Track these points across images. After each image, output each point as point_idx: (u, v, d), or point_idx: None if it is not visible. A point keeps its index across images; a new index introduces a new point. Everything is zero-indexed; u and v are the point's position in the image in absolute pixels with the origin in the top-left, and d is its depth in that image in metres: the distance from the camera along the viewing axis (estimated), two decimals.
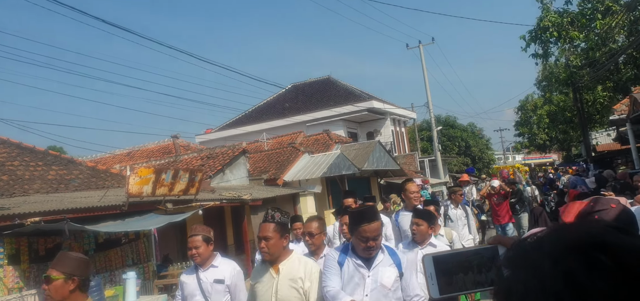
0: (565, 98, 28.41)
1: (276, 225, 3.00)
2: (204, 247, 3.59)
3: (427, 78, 24.67)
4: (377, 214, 3.04)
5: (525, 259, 0.57)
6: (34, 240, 6.80)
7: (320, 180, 14.80)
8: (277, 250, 2.98)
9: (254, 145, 18.86)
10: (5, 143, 10.09)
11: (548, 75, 28.35)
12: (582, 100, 21.68)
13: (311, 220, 3.84)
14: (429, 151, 31.07)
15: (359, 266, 2.94)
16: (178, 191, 8.32)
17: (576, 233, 0.56)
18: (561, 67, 22.88)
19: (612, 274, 0.49)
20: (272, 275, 3.00)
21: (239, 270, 3.68)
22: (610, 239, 0.53)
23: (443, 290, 0.92)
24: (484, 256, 0.94)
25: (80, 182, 10.08)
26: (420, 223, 3.96)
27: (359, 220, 2.91)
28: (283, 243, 3.02)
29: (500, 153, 52.60)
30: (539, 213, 7.30)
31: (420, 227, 3.95)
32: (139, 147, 18.36)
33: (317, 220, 3.80)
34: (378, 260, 2.97)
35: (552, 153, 41.96)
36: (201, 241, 3.60)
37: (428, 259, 0.94)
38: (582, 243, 0.53)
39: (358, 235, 2.90)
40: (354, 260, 2.96)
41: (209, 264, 3.60)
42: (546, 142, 38.89)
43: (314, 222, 3.76)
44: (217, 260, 3.66)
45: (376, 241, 2.91)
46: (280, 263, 3.00)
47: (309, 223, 3.79)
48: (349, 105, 24.76)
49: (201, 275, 3.57)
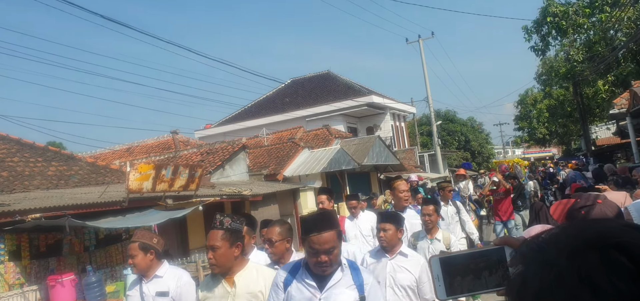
0: (565, 92, 28.40)
1: (225, 232, 2.65)
2: (141, 257, 3.20)
3: (426, 73, 24.65)
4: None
5: (541, 254, 0.56)
6: (34, 236, 6.80)
7: (321, 175, 14.80)
8: (227, 261, 2.64)
9: (253, 140, 18.85)
10: (4, 139, 10.08)
11: (548, 69, 28.33)
12: (582, 94, 21.67)
13: (273, 225, 3.37)
14: (429, 146, 31.08)
15: (309, 287, 2.39)
16: (178, 187, 8.31)
17: (593, 230, 0.55)
18: (561, 61, 22.85)
19: (632, 275, 0.48)
20: (226, 288, 2.68)
21: (187, 280, 3.28)
22: (629, 239, 0.52)
23: (450, 292, 0.92)
24: (491, 257, 0.94)
25: (80, 178, 10.07)
26: (387, 227, 3.42)
27: (308, 228, 2.36)
28: (234, 252, 2.66)
29: (500, 147, 52.62)
30: (539, 208, 7.23)
31: (388, 232, 3.42)
32: (139, 143, 18.34)
33: (279, 225, 3.32)
34: (334, 279, 2.39)
35: (551, 147, 42.00)
36: (138, 249, 3.20)
37: (435, 260, 0.94)
38: (599, 241, 0.52)
39: (307, 247, 2.36)
40: (305, 280, 2.41)
41: (152, 274, 3.23)
42: (546, 136, 38.88)
43: (275, 227, 3.30)
44: (162, 269, 3.27)
45: (330, 255, 2.33)
46: (235, 275, 2.68)
47: (271, 228, 3.32)
48: (349, 100, 24.74)
49: (144, 287, 3.22)
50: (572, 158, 25.46)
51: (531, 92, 40.38)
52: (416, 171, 22.29)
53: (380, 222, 3.50)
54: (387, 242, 3.42)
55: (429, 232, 4.39)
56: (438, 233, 4.43)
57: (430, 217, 4.37)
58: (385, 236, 3.42)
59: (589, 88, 21.90)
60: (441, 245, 4.30)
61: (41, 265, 6.70)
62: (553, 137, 39.06)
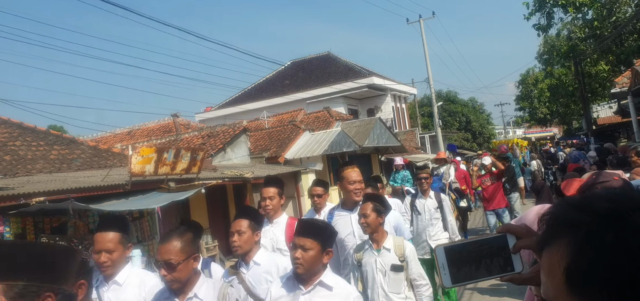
0: (567, 71, 28.24)
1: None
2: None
3: (427, 53, 24.50)
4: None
5: (610, 209, 0.62)
6: (39, 220, 6.86)
7: (322, 157, 14.83)
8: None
9: (254, 123, 18.84)
10: (6, 123, 10.09)
11: (549, 48, 28.13)
12: (584, 73, 21.56)
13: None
14: (430, 127, 31.04)
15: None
16: (180, 170, 8.35)
17: None
18: (563, 40, 22.69)
19: None
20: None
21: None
22: None
23: (455, 280, 0.96)
24: (494, 245, 0.97)
25: (82, 162, 10.11)
26: (308, 245, 2.38)
27: None
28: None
29: (501, 128, 52.56)
30: (540, 187, 7.26)
31: (308, 253, 2.38)
32: (140, 126, 18.35)
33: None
34: None
35: (553, 127, 41.94)
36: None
37: (440, 250, 0.97)
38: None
39: None
40: None
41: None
42: (547, 116, 38.83)
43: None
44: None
45: None
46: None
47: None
48: (349, 81, 24.63)
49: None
50: (573, 138, 25.45)
51: (532, 72, 40.20)
52: (417, 152, 22.32)
53: (296, 236, 2.46)
54: (304, 267, 2.37)
55: (374, 241, 3.24)
56: (387, 241, 3.25)
57: (367, 219, 3.19)
58: (304, 257, 2.36)
59: (590, 66, 21.80)
60: (392, 256, 3.19)
61: None
62: (554, 116, 39.01)
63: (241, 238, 2.87)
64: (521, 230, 0.98)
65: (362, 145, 14.94)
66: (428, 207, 5.63)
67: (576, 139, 22.85)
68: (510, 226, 1.00)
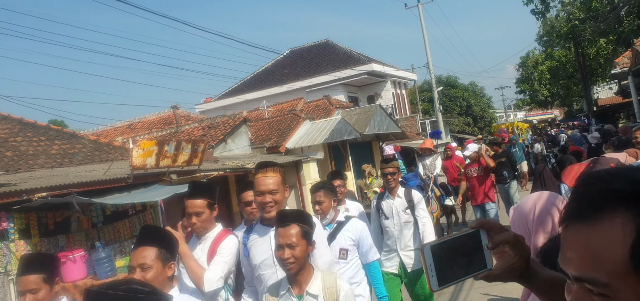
0: (567, 53, 28.13)
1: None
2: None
3: (426, 38, 24.41)
4: None
5: None
6: (42, 215, 6.89)
7: (323, 146, 14.84)
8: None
9: (254, 113, 18.82)
10: (6, 119, 10.10)
11: (549, 30, 28.00)
12: (584, 54, 21.47)
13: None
14: (430, 112, 31.00)
15: None
16: (181, 162, 8.37)
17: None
18: (562, 21, 22.55)
19: None
20: None
21: None
22: None
23: (441, 281, 0.92)
24: (468, 242, 0.93)
25: (83, 156, 10.13)
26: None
27: None
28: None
29: (502, 111, 52.49)
30: (541, 170, 7.20)
31: None
32: (140, 119, 18.35)
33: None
34: None
35: (553, 109, 41.87)
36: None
37: (427, 249, 0.93)
38: None
39: None
40: None
41: None
42: (547, 98, 38.74)
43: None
44: None
45: None
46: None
47: None
48: (349, 69, 24.55)
49: None
50: (574, 120, 25.40)
51: (532, 54, 40.04)
52: (418, 138, 22.33)
53: None
54: None
55: (293, 283, 2.29)
56: (313, 283, 2.29)
57: (293, 251, 2.23)
58: None
59: (590, 47, 21.70)
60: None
61: (51, 243, 6.82)
62: (555, 98, 38.94)
63: None
64: (495, 224, 0.95)
65: (363, 133, 14.94)
66: (397, 209, 4.47)
67: (577, 121, 22.81)
68: (484, 222, 0.96)
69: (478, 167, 7.56)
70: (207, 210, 2.81)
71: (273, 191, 2.61)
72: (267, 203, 2.59)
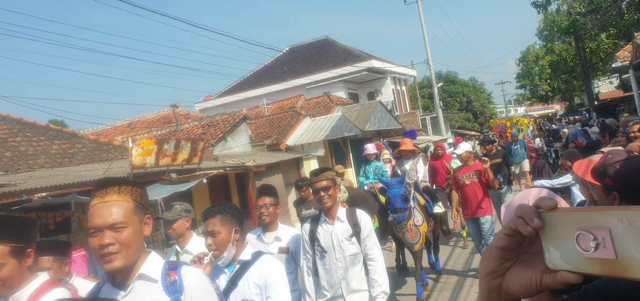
0: (568, 47, 28.05)
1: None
2: None
3: (426, 34, 24.35)
4: None
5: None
6: (43, 215, 6.89)
7: (323, 143, 14.83)
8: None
9: (254, 110, 18.80)
10: (5, 119, 10.08)
11: (550, 24, 27.92)
12: (585, 48, 21.41)
13: None
14: (431, 108, 30.95)
15: None
16: (181, 161, 8.35)
17: None
18: (563, 15, 22.48)
19: None
20: None
21: None
22: None
23: None
24: None
25: (83, 156, 10.12)
26: None
27: None
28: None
29: (502, 106, 52.39)
30: (541, 166, 7.17)
31: None
32: (139, 118, 18.36)
33: None
34: None
35: (554, 103, 41.76)
36: None
37: None
38: None
39: None
40: None
41: None
42: (548, 92, 38.62)
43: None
44: None
45: None
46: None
47: None
48: (348, 65, 24.50)
49: None
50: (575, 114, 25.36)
51: (533, 49, 39.92)
52: (419, 135, 22.27)
53: None
54: None
55: None
56: None
57: None
58: None
59: (591, 41, 21.63)
60: None
61: None
62: (555, 93, 38.80)
63: None
64: None
65: (363, 129, 14.92)
66: (337, 238, 3.15)
67: (578, 115, 22.77)
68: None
69: (473, 173, 6.19)
70: (11, 259, 1.78)
71: (115, 225, 1.54)
72: (105, 245, 1.52)
